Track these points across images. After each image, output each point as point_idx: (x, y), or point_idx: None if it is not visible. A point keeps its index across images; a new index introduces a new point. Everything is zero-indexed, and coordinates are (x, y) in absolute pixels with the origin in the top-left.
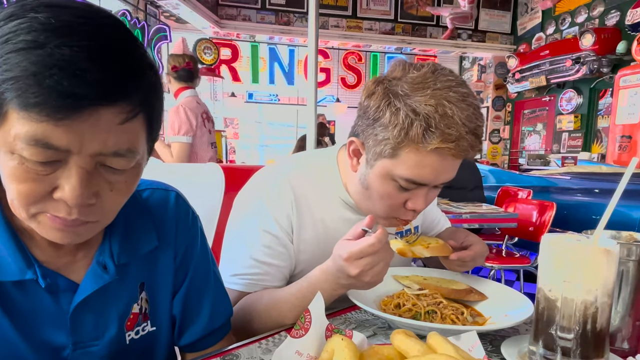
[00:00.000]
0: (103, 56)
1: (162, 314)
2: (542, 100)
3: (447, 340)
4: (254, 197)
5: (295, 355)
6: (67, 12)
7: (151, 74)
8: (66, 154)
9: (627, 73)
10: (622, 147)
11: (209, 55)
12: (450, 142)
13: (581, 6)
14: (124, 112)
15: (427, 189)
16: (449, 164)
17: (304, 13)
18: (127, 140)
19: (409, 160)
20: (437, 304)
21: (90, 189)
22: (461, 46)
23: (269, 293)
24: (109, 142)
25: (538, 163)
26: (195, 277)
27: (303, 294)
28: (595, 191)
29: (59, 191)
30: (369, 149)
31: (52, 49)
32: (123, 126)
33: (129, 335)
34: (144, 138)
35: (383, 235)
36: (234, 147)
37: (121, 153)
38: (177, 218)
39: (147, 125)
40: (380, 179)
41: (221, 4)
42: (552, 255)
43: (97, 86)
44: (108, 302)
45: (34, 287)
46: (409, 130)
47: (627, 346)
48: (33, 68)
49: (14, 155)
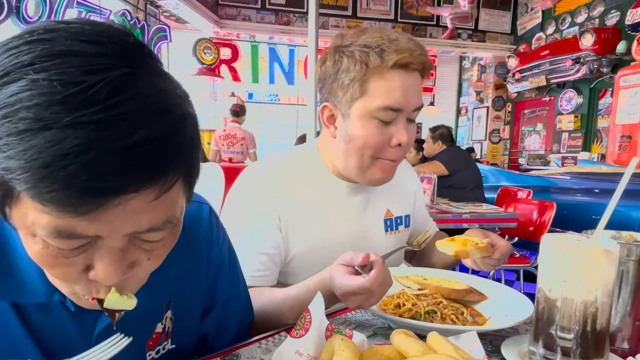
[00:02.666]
0: (127, 128)
1: (185, 332)
2: (542, 100)
3: (447, 340)
4: (243, 192)
5: (295, 355)
6: (76, 64)
7: (189, 118)
8: (95, 238)
9: (627, 73)
10: (622, 147)
11: (209, 55)
12: (404, 53)
13: (581, 6)
14: (158, 188)
15: (404, 119)
16: (411, 81)
17: (304, 13)
18: (164, 213)
19: (378, 88)
20: (437, 304)
21: (125, 263)
22: (461, 46)
23: (268, 293)
24: (143, 221)
25: (538, 163)
26: (227, 296)
27: (301, 300)
28: (595, 191)
29: (93, 271)
30: (340, 102)
31: (63, 129)
32: (158, 200)
33: (150, 355)
34: (184, 197)
35: (377, 276)
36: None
37: (158, 227)
38: (211, 235)
39: (186, 184)
40: (360, 122)
41: (221, 4)
42: (552, 255)
43: (123, 174)
44: (134, 323)
45: (58, 309)
46: (367, 61)
47: (627, 346)
48: (42, 157)
49: (36, 239)
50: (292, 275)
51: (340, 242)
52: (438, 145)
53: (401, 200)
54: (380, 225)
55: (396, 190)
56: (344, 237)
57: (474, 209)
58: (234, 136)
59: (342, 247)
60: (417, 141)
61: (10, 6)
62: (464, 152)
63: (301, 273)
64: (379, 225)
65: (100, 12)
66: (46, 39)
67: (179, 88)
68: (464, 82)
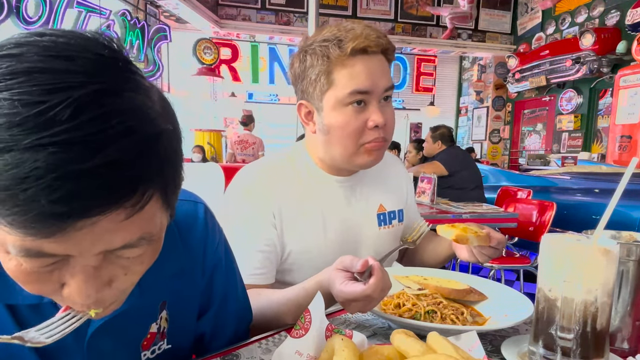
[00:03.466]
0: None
1: (182, 332)
2: (542, 100)
3: (447, 340)
4: (237, 193)
5: (295, 355)
6: (38, 83)
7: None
8: (66, 257)
9: (627, 73)
10: (622, 147)
11: (209, 55)
12: (362, 38)
13: (581, 6)
14: (129, 207)
15: (377, 101)
16: (374, 63)
17: (304, 13)
18: (139, 230)
19: (343, 77)
20: (437, 304)
21: (100, 280)
22: (461, 46)
23: (266, 295)
24: (115, 240)
25: (538, 163)
26: (224, 296)
27: (299, 302)
28: (595, 191)
29: (67, 288)
30: (312, 98)
31: (22, 152)
32: (130, 220)
33: (145, 355)
34: (163, 213)
35: (376, 282)
36: None
37: (132, 244)
38: (206, 235)
39: (164, 200)
40: (334, 112)
41: (221, 4)
42: (552, 255)
43: (84, 198)
44: (127, 323)
45: (50, 310)
46: (328, 53)
47: (627, 346)
48: (1, 180)
49: (9, 256)
50: (289, 272)
51: (334, 237)
52: (438, 145)
53: (393, 195)
54: (374, 219)
55: (388, 185)
56: (337, 232)
57: (474, 209)
58: (246, 141)
59: (337, 242)
60: (417, 141)
61: (10, 6)
62: (464, 152)
63: (299, 270)
64: (372, 220)
65: (100, 12)
66: (14, 54)
67: (159, 102)
68: (464, 82)
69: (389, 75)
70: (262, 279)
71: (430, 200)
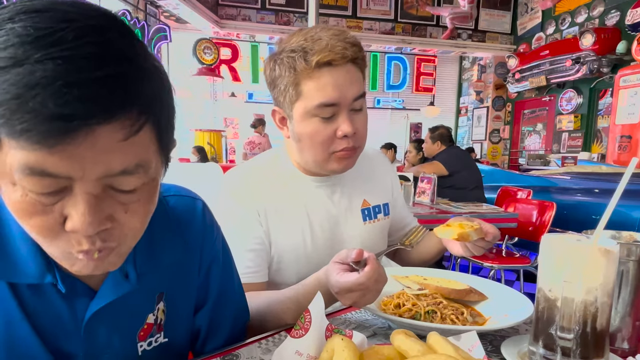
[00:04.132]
0: (91, 65)
1: (178, 326)
2: (542, 100)
3: (447, 340)
4: (222, 197)
5: (295, 355)
6: (48, 17)
7: (155, 76)
8: (68, 181)
9: (627, 73)
10: (622, 147)
11: (209, 55)
12: (326, 51)
13: (581, 6)
14: (126, 127)
15: (346, 111)
16: (342, 75)
17: (304, 13)
18: (135, 156)
19: (310, 89)
20: (437, 304)
21: (101, 213)
22: (461, 46)
23: (265, 295)
24: (113, 162)
25: (538, 163)
26: (221, 292)
27: (299, 300)
28: (595, 191)
29: (69, 221)
30: (283, 105)
31: (33, 64)
32: (127, 142)
33: (141, 347)
34: (155, 149)
35: (371, 272)
36: (234, 147)
37: (130, 171)
38: (204, 230)
39: (157, 134)
40: (303, 122)
41: (221, 4)
42: (552, 255)
43: (87, 102)
44: (125, 311)
45: (50, 291)
46: (295, 65)
47: (627, 346)
48: (14, 90)
49: (16, 187)
50: (278, 272)
51: (320, 235)
52: (437, 145)
53: (377, 190)
54: (358, 215)
55: (370, 181)
56: (322, 230)
57: (474, 209)
58: (253, 142)
59: (323, 239)
60: (417, 141)
61: None
62: (464, 152)
63: (287, 269)
64: (357, 216)
65: None
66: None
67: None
68: (464, 82)
69: (358, 83)
70: (256, 277)
71: (430, 200)
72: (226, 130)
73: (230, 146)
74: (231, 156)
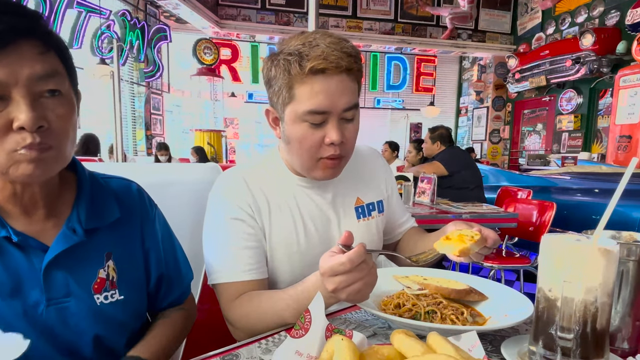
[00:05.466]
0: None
1: (131, 284)
2: (542, 100)
3: (447, 340)
4: (215, 196)
5: (295, 355)
6: None
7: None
8: (7, 88)
9: (627, 73)
10: (622, 147)
11: (209, 55)
12: (320, 59)
13: (581, 6)
14: (38, 46)
15: (336, 119)
16: (334, 84)
17: (304, 13)
18: (50, 66)
19: (302, 94)
20: (437, 304)
21: (38, 112)
22: (461, 46)
23: (267, 294)
24: (36, 67)
25: (538, 163)
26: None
27: (299, 297)
28: (595, 191)
29: (16, 121)
30: (276, 106)
31: None
32: (42, 56)
33: (98, 299)
34: (64, 73)
35: (355, 255)
36: (234, 147)
37: (49, 74)
38: (140, 198)
39: (63, 62)
40: (293, 125)
41: (221, 4)
42: (552, 255)
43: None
44: (76, 263)
45: (7, 246)
46: (290, 69)
47: (627, 346)
48: None
49: None
50: (272, 270)
51: (314, 233)
52: (437, 146)
53: (370, 188)
54: (352, 213)
55: (364, 178)
56: (316, 228)
57: (474, 209)
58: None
59: (317, 237)
60: (417, 141)
61: None
62: (464, 152)
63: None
64: (351, 214)
65: (100, 12)
66: None
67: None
68: (464, 82)
69: (351, 94)
70: (258, 273)
71: (430, 200)
72: (226, 130)
73: (230, 146)
74: (231, 156)
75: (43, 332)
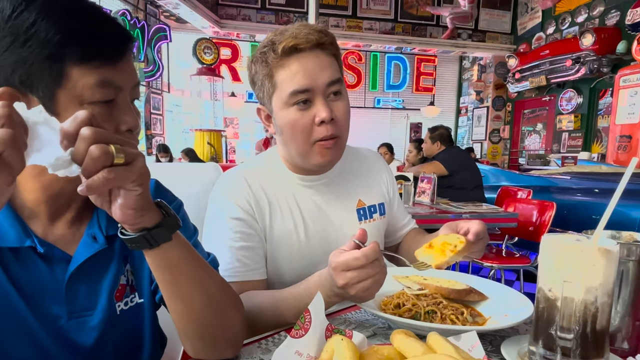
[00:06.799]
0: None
1: (145, 285)
2: (542, 100)
3: (447, 340)
4: (217, 196)
5: (295, 355)
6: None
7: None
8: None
9: (627, 73)
10: (622, 147)
11: (209, 55)
12: (290, 38)
13: (581, 6)
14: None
15: (322, 97)
16: (310, 60)
17: (304, 13)
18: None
19: (282, 79)
20: (437, 304)
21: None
22: (461, 46)
23: (268, 293)
24: (134, 75)
25: (538, 163)
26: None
27: (301, 296)
28: (595, 191)
29: (123, 125)
30: (264, 101)
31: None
32: (134, 63)
33: (119, 307)
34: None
35: (371, 252)
36: (234, 147)
37: (139, 82)
38: (157, 194)
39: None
40: (282, 112)
41: (221, 4)
42: (552, 255)
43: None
44: (98, 272)
45: (31, 256)
46: (266, 58)
47: (627, 346)
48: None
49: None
50: (273, 271)
51: (315, 234)
52: (437, 145)
53: (372, 190)
54: (354, 215)
55: (366, 180)
56: (317, 229)
57: (474, 209)
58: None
59: (318, 239)
60: (417, 141)
61: None
62: (464, 152)
63: (281, 269)
64: (352, 216)
65: None
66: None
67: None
68: (464, 82)
69: (331, 69)
70: (257, 274)
71: (430, 200)
72: (226, 130)
73: (230, 146)
74: (231, 156)
75: (65, 344)
